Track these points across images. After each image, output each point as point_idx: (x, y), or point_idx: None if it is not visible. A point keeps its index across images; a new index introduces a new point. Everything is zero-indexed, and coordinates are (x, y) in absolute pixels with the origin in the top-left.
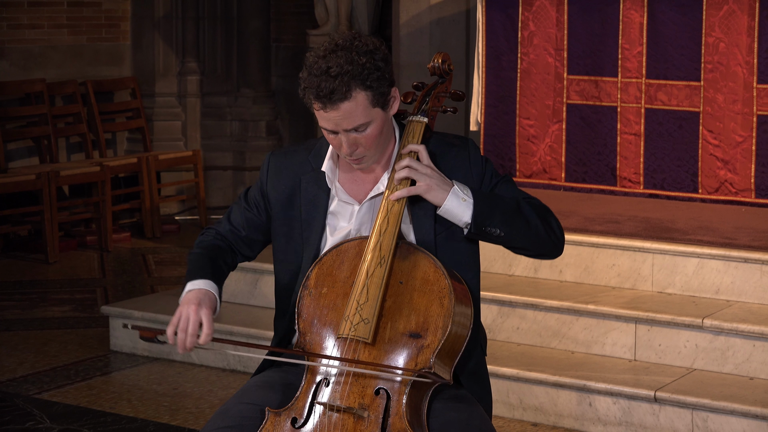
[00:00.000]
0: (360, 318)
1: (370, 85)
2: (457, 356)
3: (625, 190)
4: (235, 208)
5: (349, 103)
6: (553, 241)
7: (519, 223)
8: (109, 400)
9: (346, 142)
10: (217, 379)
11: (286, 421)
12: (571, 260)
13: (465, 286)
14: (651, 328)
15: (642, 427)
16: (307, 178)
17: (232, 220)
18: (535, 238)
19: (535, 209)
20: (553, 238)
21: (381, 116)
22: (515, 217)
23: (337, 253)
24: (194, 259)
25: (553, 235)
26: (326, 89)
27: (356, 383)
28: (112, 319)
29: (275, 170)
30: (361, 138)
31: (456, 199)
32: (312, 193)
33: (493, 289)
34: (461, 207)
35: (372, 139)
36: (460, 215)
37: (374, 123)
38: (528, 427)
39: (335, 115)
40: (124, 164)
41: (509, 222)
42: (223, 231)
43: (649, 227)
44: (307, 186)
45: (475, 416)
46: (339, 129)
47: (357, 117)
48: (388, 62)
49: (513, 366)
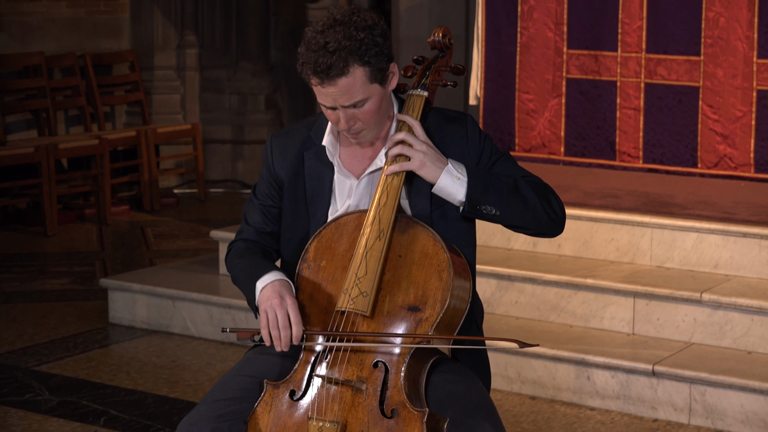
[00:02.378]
0: (359, 291)
1: (368, 60)
2: (455, 330)
3: (625, 164)
4: (249, 209)
5: (347, 78)
6: (552, 220)
7: (515, 202)
8: (107, 372)
9: (344, 118)
10: (216, 352)
11: (284, 393)
12: (569, 234)
13: (464, 260)
14: (649, 303)
15: (640, 401)
16: (309, 154)
17: (252, 222)
18: (533, 218)
19: (534, 187)
20: (552, 216)
21: (379, 92)
22: (511, 196)
23: (336, 226)
24: (244, 263)
25: (552, 214)
26: (324, 65)
27: (354, 356)
28: (110, 292)
29: (279, 150)
30: (359, 113)
31: (450, 177)
32: (316, 168)
33: (491, 263)
34: (455, 185)
35: (370, 114)
36: (454, 193)
37: (372, 99)
38: (526, 400)
39: (333, 90)
40: (123, 137)
41: (505, 201)
42: (249, 236)
43: (648, 202)
44: (311, 162)
45: (474, 389)
46: (337, 105)
47: (355, 93)
48: (387, 38)
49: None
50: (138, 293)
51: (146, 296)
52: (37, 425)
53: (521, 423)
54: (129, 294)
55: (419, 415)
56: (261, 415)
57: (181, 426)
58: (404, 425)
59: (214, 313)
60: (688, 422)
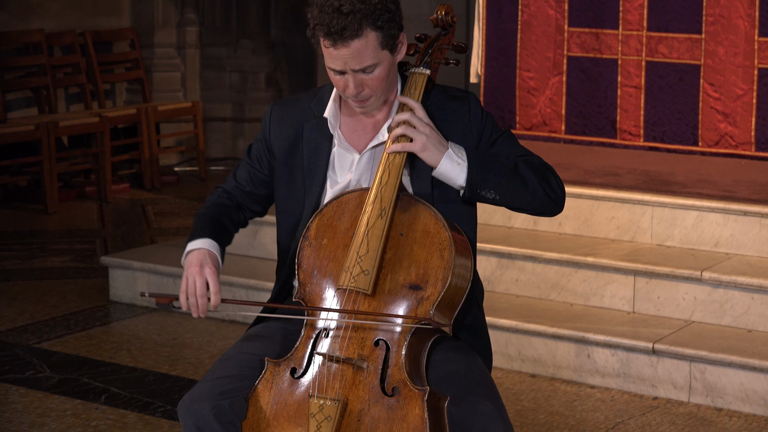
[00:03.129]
0: (360, 269)
1: (381, 25)
2: (456, 308)
3: (625, 142)
4: (241, 164)
5: (360, 41)
6: (551, 200)
7: (515, 185)
8: (108, 349)
9: (353, 83)
10: (217, 330)
11: (285, 371)
12: (570, 213)
13: (465, 239)
14: (650, 281)
15: (640, 379)
16: (309, 125)
17: (238, 176)
18: (532, 199)
19: (534, 168)
20: (552, 196)
21: (388, 59)
22: (511, 179)
23: (338, 204)
24: (197, 219)
25: (552, 194)
26: (338, 26)
27: (356, 334)
28: (111, 270)
29: (278, 119)
30: (367, 79)
31: (450, 162)
32: (314, 140)
33: (492, 241)
34: (455, 170)
35: (379, 81)
36: (454, 178)
37: (382, 65)
38: (526, 378)
39: (345, 52)
40: (124, 115)
41: (505, 184)
42: (229, 188)
43: (649, 180)
44: (310, 134)
45: (474, 368)
46: (347, 68)
47: (366, 57)
48: (399, 6)
49: (512, 318)
50: (138, 271)
51: (147, 274)
52: (38, 402)
53: (521, 401)
54: (129, 272)
55: (420, 393)
56: (262, 392)
57: (182, 403)
58: (405, 403)
59: None
60: (688, 400)
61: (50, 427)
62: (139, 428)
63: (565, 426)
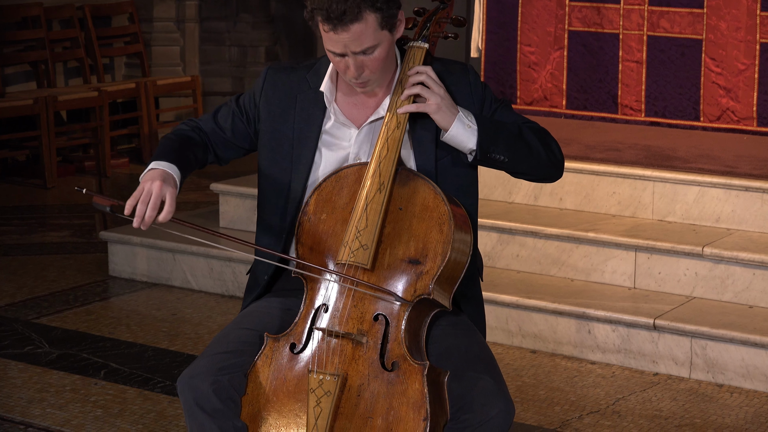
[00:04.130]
0: (359, 244)
1: (380, 7)
2: (456, 283)
3: (627, 117)
4: (224, 109)
5: (360, 24)
6: (553, 164)
7: (521, 148)
8: (107, 325)
9: (354, 65)
10: (216, 305)
11: (284, 346)
12: (571, 188)
13: (465, 213)
14: (651, 256)
15: (641, 355)
16: (303, 96)
17: (219, 119)
18: (537, 162)
19: (536, 133)
20: (554, 160)
21: (388, 39)
22: (518, 143)
23: (337, 179)
24: (165, 142)
25: (553, 158)
26: (337, 10)
27: (355, 309)
28: (110, 245)
29: (272, 84)
30: (368, 61)
31: (461, 126)
32: (307, 111)
33: (492, 216)
34: (466, 133)
35: (379, 62)
36: (465, 142)
37: (381, 45)
38: (527, 354)
39: (345, 36)
40: (123, 89)
41: (512, 147)
42: (205, 127)
43: (650, 155)
44: (303, 104)
45: (474, 343)
46: (347, 51)
47: (366, 39)
48: None
49: (512, 293)
50: (138, 246)
51: (146, 249)
52: (37, 378)
53: (522, 377)
54: (129, 247)
55: (420, 368)
56: (261, 368)
57: (181, 379)
58: (405, 378)
59: (215, 266)
60: (689, 376)
61: (49, 402)
62: (138, 404)
63: (566, 402)
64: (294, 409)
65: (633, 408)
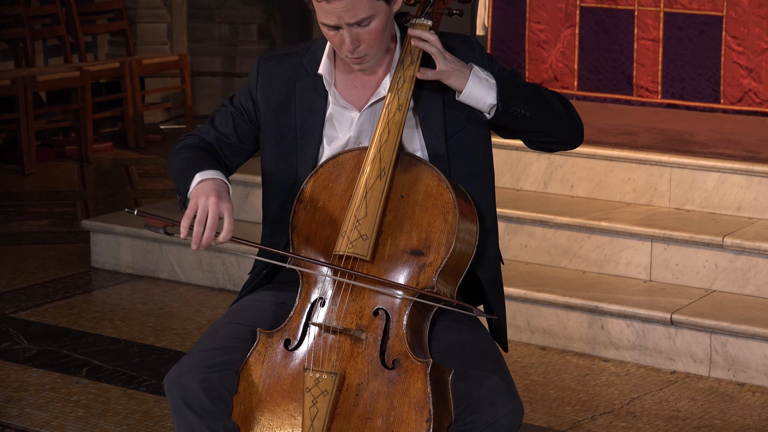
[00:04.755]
0: (358, 234)
1: None
2: (461, 275)
3: (642, 99)
4: (220, 114)
5: None
6: (574, 126)
7: (542, 105)
8: (90, 319)
9: (349, 38)
10: (206, 299)
11: (278, 342)
12: (583, 174)
13: (470, 201)
14: (668, 247)
15: (657, 352)
16: (302, 83)
17: (218, 126)
18: (558, 122)
19: (552, 93)
20: (574, 123)
21: (385, 10)
22: (537, 99)
23: (334, 164)
24: (189, 155)
25: (573, 120)
26: None
27: (354, 303)
28: (93, 234)
29: (266, 75)
30: (363, 33)
31: (478, 81)
32: (308, 98)
33: (499, 204)
34: (484, 88)
35: (375, 34)
36: (483, 97)
37: (378, 17)
38: (536, 350)
39: (338, 6)
40: (106, 69)
41: (532, 103)
42: (208, 138)
43: (667, 139)
44: (303, 91)
45: (480, 339)
46: (341, 23)
47: (361, 9)
48: None
49: (521, 286)
50: (122, 236)
51: (131, 239)
52: (14, 376)
53: (531, 375)
54: (112, 236)
55: (422, 366)
56: (254, 365)
57: (168, 377)
58: (406, 376)
59: (204, 257)
60: (708, 374)
61: (28, 401)
62: (122, 403)
63: (577, 401)
64: (288, 409)
65: (648, 408)
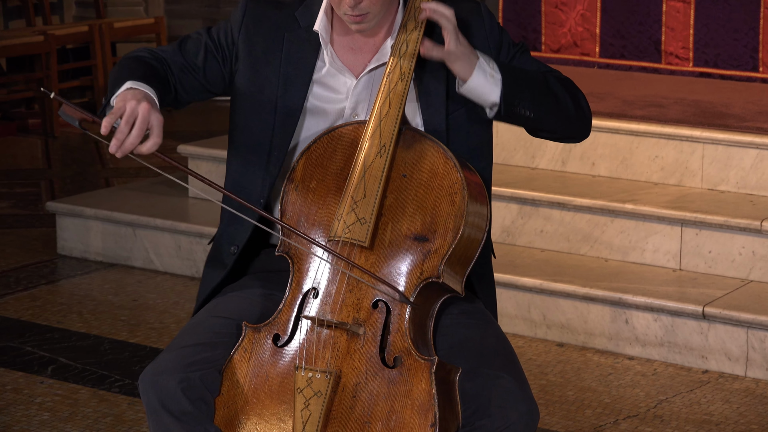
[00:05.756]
0: (355, 217)
1: None
2: (470, 264)
3: (672, 67)
4: (193, 42)
5: None
6: (581, 120)
7: (548, 102)
8: (56, 313)
9: None
10: (184, 289)
11: (266, 338)
12: (605, 151)
13: (480, 181)
14: (700, 232)
15: (687, 349)
16: (292, 35)
17: (187, 54)
18: (565, 118)
19: (562, 83)
20: (582, 115)
21: None
22: (544, 95)
23: (329, 140)
24: (128, 64)
25: (581, 113)
26: None
27: (350, 294)
28: (59, 218)
29: (253, 18)
30: None
31: (483, 75)
32: (297, 52)
33: (512, 184)
34: (488, 84)
35: None
36: (486, 94)
37: None
38: (552, 347)
39: None
40: (73, 33)
41: (539, 101)
42: (170, 61)
43: (699, 112)
44: (292, 44)
45: (491, 334)
46: None
47: None
48: None
49: (536, 276)
50: (92, 219)
51: (101, 223)
52: None
53: (547, 374)
54: (81, 220)
55: (427, 365)
56: (239, 363)
57: (143, 376)
58: (409, 376)
59: (183, 242)
60: (744, 374)
61: None
62: (92, 406)
63: (599, 404)
64: (277, 412)
65: (678, 411)
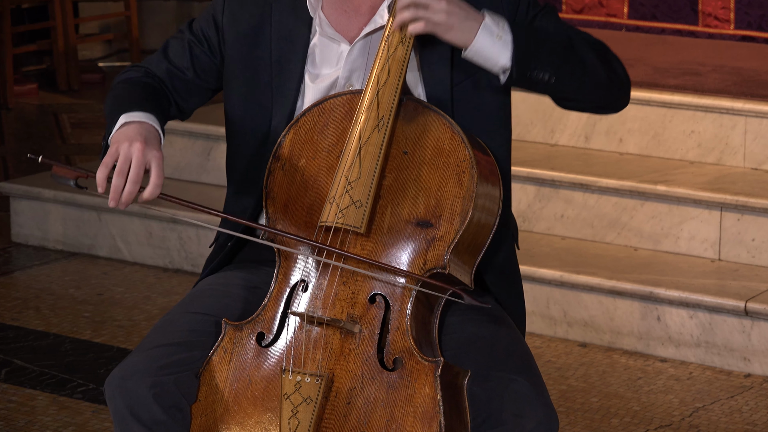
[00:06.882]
0: (350, 200)
1: None
2: (479, 253)
3: (710, 30)
4: (176, 42)
5: None
6: (617, 87)
7: (573, 64)
8: (10, 308)
9: None
10: (156, 282)
11: (249, 337)
12: (635, 125)
13: (492, 158)
14: (741, 217)
15: (727, 349)
16: (279, 5)
17: (172, 57)
18: (594, 84)
19: (591, 45)
20: (617, 81)
21: None
22: (567, 57)
23: (320, 112)
24: (122, 90)
25: (616, 78)
26: None
27: (344, 287)
28: (13, 201)
29: None
30: None
31: (489, 37)
32: (287, 25)
33: (529, 163)
34: (496, 47)
35: None
36: (494, 58)
37: None
38: (574, 348)
39: None
40: None
41: (560, 63)
42: (158, 71)
43: (741, 81)
44: (281, 16)
45: (503, 333)
46: None
47: None
48: None
49: (555, 267)
50: (51, 202)
51: (62, 206)
52: None
53: (568, 378)
54: (38, 203)
55: (431, 367)
56: (218, 365)
57: (110, 380)
58: (410, 380)
59: (155, 229)
60: None
61: None
62: (51, 414)
63: (627, 412)
64: (262, 420)
65: (717, 420)
